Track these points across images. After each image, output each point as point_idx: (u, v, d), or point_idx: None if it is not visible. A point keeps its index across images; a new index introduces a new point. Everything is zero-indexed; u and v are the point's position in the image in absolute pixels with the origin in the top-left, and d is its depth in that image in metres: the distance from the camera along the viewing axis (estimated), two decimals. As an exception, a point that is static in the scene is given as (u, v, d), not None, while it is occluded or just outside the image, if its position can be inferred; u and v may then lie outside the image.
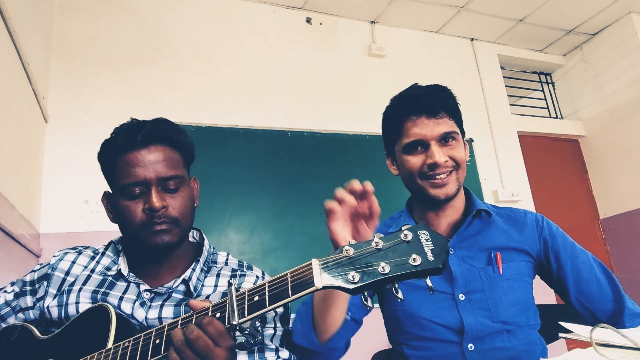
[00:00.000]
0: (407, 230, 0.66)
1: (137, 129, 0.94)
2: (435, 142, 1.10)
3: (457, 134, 1.12)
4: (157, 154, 0.94)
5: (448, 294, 1.10)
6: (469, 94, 3.73)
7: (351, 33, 3.50)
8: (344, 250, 0.67)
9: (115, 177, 0.95)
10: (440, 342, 1.08)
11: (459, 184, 1.13)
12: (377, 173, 3.19)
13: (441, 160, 1.08)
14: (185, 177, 0.99)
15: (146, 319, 0.94)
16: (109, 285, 0.98)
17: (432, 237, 0.65)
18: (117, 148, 0.94)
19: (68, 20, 2.65)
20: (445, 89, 1.16)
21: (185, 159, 1.01)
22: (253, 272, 1.04)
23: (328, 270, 0.66)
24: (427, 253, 0.63)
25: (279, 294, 0.68)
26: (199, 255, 1.03)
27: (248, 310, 0.69)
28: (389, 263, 0.63)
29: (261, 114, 2.98)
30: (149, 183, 0.92)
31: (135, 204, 0.92)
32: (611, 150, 3.91)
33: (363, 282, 0.63)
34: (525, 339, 1.08)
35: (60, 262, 1.03)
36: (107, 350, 0.81)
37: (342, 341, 0.97)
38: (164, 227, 0.92)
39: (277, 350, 0.94)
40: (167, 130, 0.97)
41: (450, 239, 1.14)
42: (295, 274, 0.69)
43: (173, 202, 0.94)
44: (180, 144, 0.99)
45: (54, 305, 0.97)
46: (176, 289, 0.98)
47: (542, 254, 1.15)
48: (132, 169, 0.92)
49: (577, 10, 3.62)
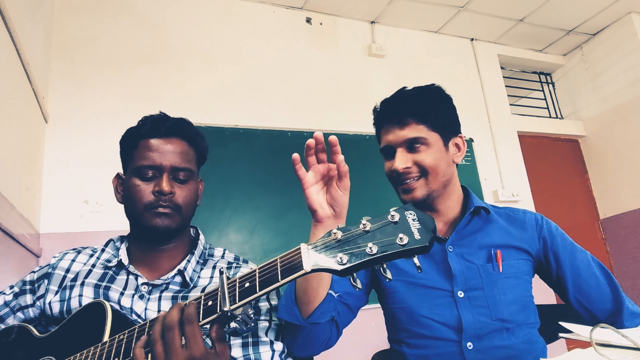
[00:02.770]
0: (394, 211, 0.66)
1: (163, 120, 1.04)
2: (402, 149, 1.12)
3: (424, 139, 1.11)
4: (175, 145, 1.02)
5: (447, 292, 1.10)
6: (469, 94, 3.74)
7: (351, 33, 3.50)
8: (332, 233, 0.68)
9: (133, 158, 1.02)
10: (439, 341, 1.08)
11: (428, 190, 1.12)
12: (377, 173, 3.19)
13: (400, 167, 1.10)
14: (195, 172, 1.06)
15: (145, 311, 0.96)
16: (110, 279, 1.01)
17: (419, 217, 0.66)
18: (142, 133, 1.02)
19: (68, 21, 2.65)
20: (422, 93, 1.15)
21: (198, 158, 1.09)
22: (248, 265, 1.09)
23: (317, 253, 0.67)
24: (414, 232, 0.64)
25: (269, 279, 0.69)
26: (195, 249, 1.08)
27: (239, 297, 0.71)
28: (376, 243, 0.64)
29: (261, 114, 2.98)
30: (163, 169, 0.99)
31: (146, 184, 0.99)
32: (611, 150, 3.91)
33: (351, 263, 0.64)
34: (525, 338, 1.08)
35: (60, 261, 1.06)
36: (103, 344, 0.83)
37: (325, 317, 0.97)
38: (167, 211, 0.98)
39: (271, 343, 0.96)
40: (188, 129, 1.06)
41: (449, 237, 1.14)
42: (284, 258, 0.70)
43: (180, 191, 1.01)
44: (197, 143, 1.07)
45: (56, 301, 0.99)
46: (172, 280, 1.02)
47: (541, 253, 1.15)
48: (151, 153, 1.00)
49: (577, 10, 3.63)
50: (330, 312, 0.99)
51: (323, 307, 0.95)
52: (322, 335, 1.02)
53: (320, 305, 0.94)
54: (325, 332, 1.03)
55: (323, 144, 0.87)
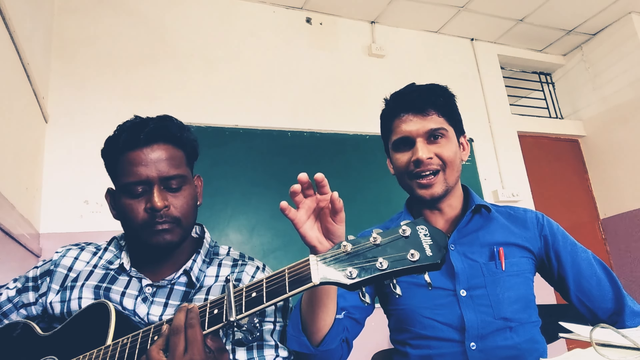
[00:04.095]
0: (405, 226, 0.65)
1: (140, 127, 0.94)
2: (422, 139, 1.09)
3: (445, 130, 1.11)
4: (160, 152, 0.93)
5: (449, 291, 1.09)
6: (469, 94, 3.74)
7: (351, 33, 3.50)
8: (342, 245, 0.66)
9: (118, 175, 0.94)
10: (442, 341, 1.07)
11: (447, 185, 1.11)
12: (377, 173, 3.20)
13: (424, 157, 1.07)
14: (187, 175, 0.98)
15: (148, 315, 0.94)
16: (111, 279, 0.98)
17: (431, 233, 0.64)
18: (120, 146, 0.93)
19: (68, 21, 2.65)
20: (438, 87, 1.15)
21: (188, 157, 1.01)
22: (254, 263, 1.05)
23: (326, 266, 0.66)
24: (426, 248, 0.62)
25: (277, 290, 0.68)
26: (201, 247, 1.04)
27: (245, 307, 0.70)
28: (387, 258, 0.62)
29: (261, 114, 2.98)
30: (152, 182, 0.91)
31: (137, 202, 0.92)
32: (611, 150, 3.90)
33: (360, 277, 0.62)
34: (528, 337, 1.07)
35: (62, 259, 1.04)
36: (106, 347, 0.81)
37: (335, 342, 0.95)
38: (166, 227, 0.92)
39: (276, 347, 0.93)
40: (170, 128, 0.96)
41: (450, 235, 1.14)
42: (292, 270, 0.69)
43: (175, 201, 0.94)
44: (184, 142, 0.98)
45: (57, 301, 0.97)
46: (178, 280, 0.98)
47: (542, 251, 1.15)
48: (134, 167, 0.91)
49: (577, 10, 3.62)
50: (339, 335, 0.97)
51: (332, 332, 0.93)
52: (335, 357, 1.00)
53: (329, 332, 0.93)
54: (337, 353, 1.01)
55: (309, 181, 0.82)
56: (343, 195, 0.86)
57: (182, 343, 0.70)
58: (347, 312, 1.09)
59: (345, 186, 2.90)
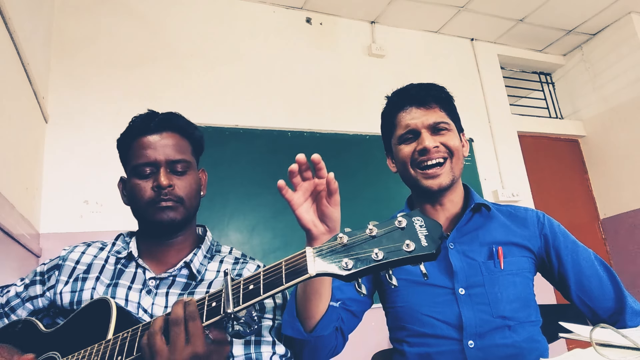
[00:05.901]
0: (401, 217, 0.66)
1: (151, 117, 1.05)
2: (426, 130, 1.12)
3: (448, 124, 1.14)
4: (168, 139, 1.03)
5: (448, 289, 1.10)
6: (469, 94, 3.74)
7: (351, 33, 3.50)
8: (338, 237, 0.67)
9: (129, 159, 1.04)
10: (440, 339, 1.07)
11: (453, 175, 1.13)
12: (377, 173, 3.20)
13: (430, 145, 1.10)
14: (192, 163, 1.07)
15: (153, 306, 0.98)
16: (118, 273, 1.03)
17: (427, 223, 0.65)
18: (133, 132, 1.04)
19: (68, 21, 2.65)
20: (438, 85, 1.19)
21: (194, 148, 1.09)
22: (255, 262, 1.10)
23: (322, 258, 0.67)
24: (421, 239, 0.63)
25: (274, 282, 0.69)
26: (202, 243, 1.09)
27: (243, 299, 0.70)
28: (382, 249, 0.63)
29: (261, 114, 2.98)
30: (159, 164, 1.00)
31: (145, 182, 1.00)
32: (611, 150, 3.91)
33: (356, 268, 0.63)
34: (527, 336, 1.07)
35: (70, 254, 1.09)
36: (107, 341, 0.83)
37: (328, 329, 0.97)
38: (170, 204, 0.99)
39: (274, 343, 0.95)
40: (178, 120, 1.08)
41: (450, 233, 1.14)
42: (289, 262, 0.70)
43: (179, 182, 1.02)
44: (190, 134, 1.08)
45: (67, 292, 1.01)
46: (179, 273, 1.03)
47: (543, 250, 1.15)
48: (144, 151, 1.01)
49: (577, 10, 3.63)
50: (333, 323, 0.98)
51: (325, 319, 0.95)
52: (328, 346, 1.02)
53: (322, 319, 0.94)
54: (330, 342, 1.02)
55: (307, 163, 0.85)
56: (343, 196, 0.87)
57: (183, 334, 0.72)
58: (343, 304, 1.10)
59: (345, 186, 2.90)
